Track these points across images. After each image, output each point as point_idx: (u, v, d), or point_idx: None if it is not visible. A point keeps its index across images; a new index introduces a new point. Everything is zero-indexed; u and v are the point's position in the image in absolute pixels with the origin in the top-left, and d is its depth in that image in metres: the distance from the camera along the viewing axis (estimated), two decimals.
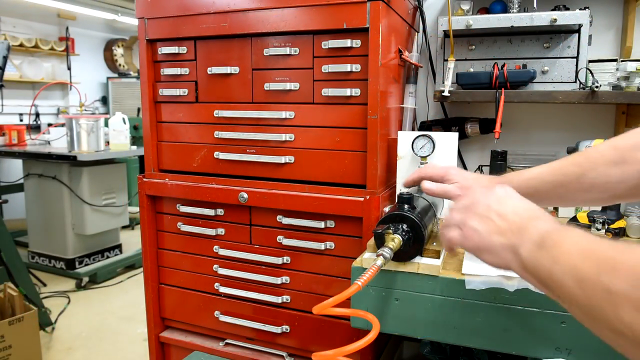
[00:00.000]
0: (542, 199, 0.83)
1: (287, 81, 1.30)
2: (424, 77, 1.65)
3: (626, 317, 0.43)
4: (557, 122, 1.58)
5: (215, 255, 1.46)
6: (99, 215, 3.58)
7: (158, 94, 1.48)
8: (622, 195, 0.79)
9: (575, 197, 0.83)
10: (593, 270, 0.48)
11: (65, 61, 5.44)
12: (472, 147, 1.68)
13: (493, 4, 1.48)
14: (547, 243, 0.56)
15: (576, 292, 0.49)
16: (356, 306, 0.99)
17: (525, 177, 0.86)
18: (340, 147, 1.26)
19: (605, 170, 0.78)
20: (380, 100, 1.19)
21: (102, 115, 3.50)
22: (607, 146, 0.80)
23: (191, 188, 1.43)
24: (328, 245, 1.30)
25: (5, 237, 2.65)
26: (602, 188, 0.79)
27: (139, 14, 1.44)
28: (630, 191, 0.78)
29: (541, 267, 0.55)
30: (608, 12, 1.49)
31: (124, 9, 5.57)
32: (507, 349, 0.91)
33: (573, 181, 0.81)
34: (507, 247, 0.62)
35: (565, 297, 0.52)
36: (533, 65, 1.45)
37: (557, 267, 0.53)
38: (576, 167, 0.81)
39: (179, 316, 1.58)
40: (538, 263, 0.56)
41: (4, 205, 4.58)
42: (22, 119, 5.10)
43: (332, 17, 1.20)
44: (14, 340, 2.13)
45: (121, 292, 3.46)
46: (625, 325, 0.43)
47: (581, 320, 0.50)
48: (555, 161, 0.85)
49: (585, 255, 0.50)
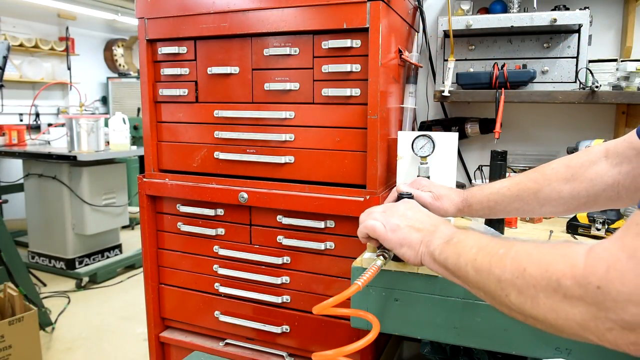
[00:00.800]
0: (501, 210, 0.95)
1: (287, 81, 1.30)
2: (424, 77, 1.65)
3: (513, 300, 0.53)
4: (557, 122, 1.58)
5: (215, 255, 1.46)
6: (99, 215, 3.58)
7: (158, 94, 1.48)
8: (575, 208, 0.89)
9: (533, 210, 0.93)
10: (487, 263, 0.58)
11: (65, 61, 5.44)
12: (472, 147, 1.68)
13: (493, 4, 1.48)
14: (453, 240, 0.68)
15: (476, 280, 0.60)
16: (356, 306, 0.99)
17: (486, 192, 0.96)
18: (340, 147, 1.26)
19: (558, 187, 0.87)
20: (380, 100, 1.19)
21: (102, 115, 3.50)
22: (560, 164, 0.89)
23: (191, 188, 1.43)
24: (328, 245, 1.30)
25: (5, 237, 2.65)
26: (555, 203, 0.88)
27: (139, 14, 1.44)
28: (582, 206, 0.88)
29: (449, 259, 0.67)
30: (608, 12, 1.49)
31: (124, 9, 5.57)
32: (507, 349, 0.91)
33: (530, 196, 0.90)
34: (422, 242, 0.75)
35: (470, 284, 0.63)
36: (533, 65, 1.45)
37: (461, 259, 0.64)
38: (532, 183, 0.90)
39: (179, 316, 1.58)
40: (447, 256, 0.68)
41: (4, 205, 4.58)
42: (22, 119, 5.10)
43: (332, 17, 1.20)
44: (14, 340, 2.12)
45: (121, 292, 3.46)
46: (514, 306, 0.53)
47: (485, 300, 0.61)
48: (514, 177, 0.95)
49: (481, 250, 0.61)
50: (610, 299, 0.43)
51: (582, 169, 0.86)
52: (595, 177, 0.85)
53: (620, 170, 0.83)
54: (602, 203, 0.87)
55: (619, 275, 0.43)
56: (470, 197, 0.97)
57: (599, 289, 0.44)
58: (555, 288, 0.48)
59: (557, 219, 1.40)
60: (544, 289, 0.49)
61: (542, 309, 0.50)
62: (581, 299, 0.45)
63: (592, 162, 0.86)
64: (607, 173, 0.84)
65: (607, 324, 0.44)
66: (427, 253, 0.73)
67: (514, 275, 0.53)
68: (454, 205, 0.98)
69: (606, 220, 1.19)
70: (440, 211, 0.99)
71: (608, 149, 0.86)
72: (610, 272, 0.43)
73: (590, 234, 1.22)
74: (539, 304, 0.50)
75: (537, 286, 0.50)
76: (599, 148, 0.87)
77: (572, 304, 0.46)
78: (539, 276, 0.50)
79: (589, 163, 0.86)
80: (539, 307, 0.50)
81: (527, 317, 0.53)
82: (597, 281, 0.44)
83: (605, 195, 0.85)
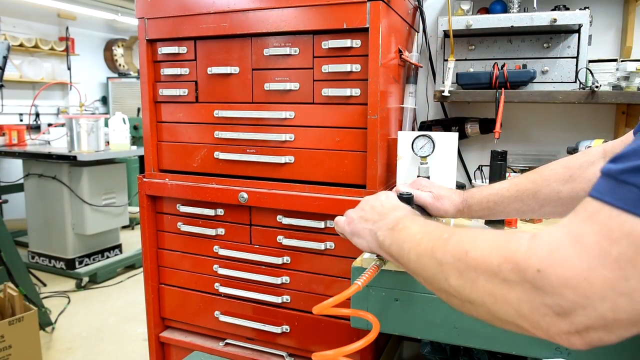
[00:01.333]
0: (501, 211, 0.95)
1: (287, 81, 1.30)
2: (424, 77, 1.65)
3: (453, 283, 0.53)
4: (557, 122, 1.58)
5: (215, 255, 1.46)
6: (99, 215, 3.58)
7: (158, 94, 1.48)
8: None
9: (532, 211, 0.93)
10: (429, 248, 0.58)
11: (65, 61, 5.44)
12: (472, 147, 1.68)
13: (493, 4, 1.48)
14: (398, 227, 0.69)
15: (417, 265, 0.60)
16: (356, 306, 0.99)
17: (485, 193, 0.96)
18: (340, 147, 1.26)
19: (557, 187, 0.88)
20: (380, 100, 1.19)
21: (102, 115, 3.50)
22: (559, 165, 0.90)
23: (191, 188, 1.43)
24: (328, 245, 1.30)
25: (5, 237, 2.65)
26: (554, 203, 0.89)
27: (139, 14, 1.44)
28: None
29: (393, 246, 0.68)
30: (608, 12, 1.49)
31: (124, 9, 5.57)
32: (507, 349, 0.91)
33: (529, 197, 0.91)
34: (369, 231, 0.77)
35: (411, 269, 0.63)
36: (533, 65, 1.45)
37: (404, 245, 0.64)
38: (531, 184, 0.91)
39: (179, 316, 1.58)
40: (391, 242, 0.69)
41: (4, 205, 4.58)
42: (22, 119, 5.10)
43: (332, 17, 1.20)
44: (14, 340, 2.12)
45: (121, 292, 3.46)
46: (453, 289, 0.53)
47: (425, 285, 0.61)
48: (513, 178, 0.95)
49: (426, 235, 0.61)
50: (549, 283, 0.42)
51: (581, 170, 0.86)
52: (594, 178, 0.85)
53: None
54: None
55: (561, 260, 0.42)
56: (470, 197, 0.97)
57: (538, 272, 0.43)
58: (496, 271, 0.47)
59: (556, 219, 1.40)
60: (485, 272, 0.48)
61: (480, 292, 0.49)
62: (520, 282, 0.45)
63: (590, 163, 0.86)
64: None
65: (542, 310, 0.43)
66: (375, 240, 0.75)
67: (455, 258, 0.53)
68: (453, 206, 0.98)
69: None
70: (440, 212, 0.99)
71: (606, 150, 0.86)
72: (553, 255, 0.43)
73: None
74: (477, 288, 0.49)
75: (477, 269, 0.49)
76: (597, 149, 0.88)
77: (510, 287, 0.46)
78: (481, 259, 0.49)
79: (587, 164, 0.87)
80: (478, 291, 0.49)
81: (464, 302, 0.52)
82: (538, 264, 0.43)
83: None
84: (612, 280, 0.39)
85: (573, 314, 0.41)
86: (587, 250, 0.41)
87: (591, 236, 0.41)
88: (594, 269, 0.40)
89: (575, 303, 0.41)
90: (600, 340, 0.42)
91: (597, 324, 0.41)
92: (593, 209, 0.42)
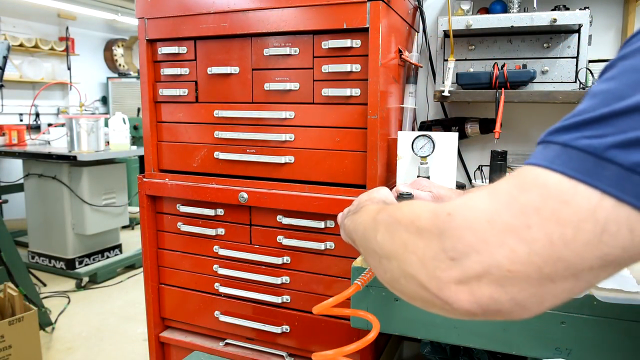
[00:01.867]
0: None
1: (287, 81, 1.30)
2: (424, 77, 1.65)
3: (379, 238, 0.53)
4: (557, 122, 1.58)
5: (215, 255, 1.46)
6: (99, 215, 3.58)
7: (158, 94, 1.48)
8: None
9: None
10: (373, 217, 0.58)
11: (65, 61, 5.44)
12: (472, 147, 1.68)
13: (493, 4, 1.48)
14: (360, 209, 0.70)
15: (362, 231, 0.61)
16: (356, 306, 0.99)
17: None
18: (340, 147, 1.26)
19: None
20: (380, 100, 1.19)
21: (102, 115, 3.50)
22: None
23: (191, 188, 1.43)
24: (328, 245, 1.30)
25: (5, 237, 2.65)
26: None
27: (139, 14, 1.44)
28: None
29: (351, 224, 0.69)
30: (608, 12, 1.49)
31: (124, 9, 5.57)
32: (507, 349, 0.91)
33: None
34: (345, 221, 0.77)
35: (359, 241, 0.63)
36: (533, 65, 1.45)
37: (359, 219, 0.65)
38: None
39: (179, 316, 1.58)
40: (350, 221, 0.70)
41: (4, 205, 4.58)
42: (22, 119, 5.10)
43: (332, 17, 1.20)
44: (14, 340, 2.12)
45: (121, 292, 3.46)
46: (378, 245, 0.53)
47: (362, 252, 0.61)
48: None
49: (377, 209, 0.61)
50: (454, 225, 0.42)
51: None
52: None
53: None
54: None
55: (470, 205, 0.42)
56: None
57: (448, 215, 0.43)
58: (414, 219, 0.47)
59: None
60: (407, 225, 0.48)
61: (397, 243, 0.49)
62: (430, 228, 0.44)
63: None
64: None
65: (440, 255, 0.42)
66: (343, 228, 0.76)
67: (389, 216, 0.53)
68: None
69: None
70: None
71: None
72: (466, 203, 0.43)
73: None
74: (395, 239, 0.49)
75: (402, 221, 0.49)
76: None
77: (421, 235, 0.45)
78: (408, 213, 0.49)
79: None
80: (394, 242, 0.49)
81: (381, 259, 0.52)
82: (450, 209, 0.43)
83: None
84: (515, 226, 0.39)
85: (466, 258, 0.40)
86: (497, 197, 0.41)
87: (506, 186, 0.41)
88: (499, 213, 0.40)
89: (471, 246, 0.40)
90: (491, 297, 0.40)
91: (490, 272, 0.39)
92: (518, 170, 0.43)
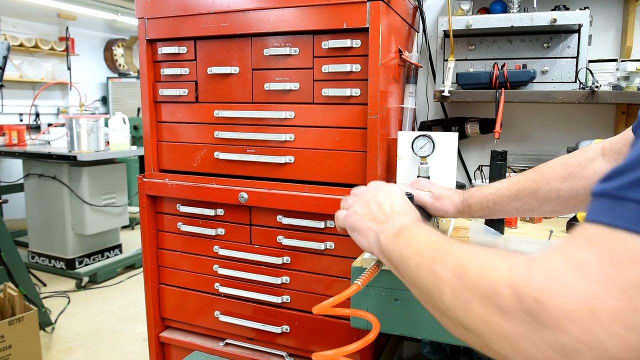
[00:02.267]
0: (501, 210, 0.94)
1: (287, 81, 1.30)
2: (424, 77, 1.65)
3: (447, 301, 0.48)
4: (557, 122, 1.58)
5: (215, 255, 1.46)
6: (99, 215, 3.58)
7: (158, 94, 1.48)
8: (575, 207, 0.89)
9: (532, 210, 0.92)
10: (429, 258, 0.54)
11: (65, 61, 5.44)
12: (472, 147, 1.68)
13: (493, 4, 1.48)
14: (403, 233, 0.65)
15: (415, 275, 0.56)
16: (356, 306, 0.99)
17: (485, 192, 0.96)
18: (340, 147, 1.26)
19: (557, 185, 0.87)
20: (380, 100, 1.19)
21: (102, 115, 3.50)
22: (557, 163, 0.89)
23: (191, 188, 1.43)
24: (328, 245, 1.30)
25: (5, 237, 2.65)
26: (554, 202, 0.88)
27: (139, 14, 1.44)
28: (582, 204, 0.87)
29: (393, 251, 0.63)
30: (608, 12, 1.49)
31: (124, 9, 5.57)
32: None
33: (529, 195, 0.90)
34: (372, 231, 0.72)
35: (409, 279, 0.58)
36: (533, 65, 1.45)
37: (405, 252, 0.60)
38: (531, 183, 0.90)
39: (179, 316, 1.58)
40: (392, 247, 0.64)
41: (4, 205, 4.58)
42: (22, 119, 5.10)
43: (332, 17, 1.20)
44: (14, 340, 2.12)
45: (121, 292, 3.46)
46: (446, 308, 0.48)
47: (419, 300, 0.56)
48: (513, 177, 0.95)
49: (428, 244, 0.57)
50: (549, 314, 0.37)
51: (580, 167, 0.87)
52: (593, 175, 0.85)
53: None
54: None
55: (561, 288, 0.37)
56: (470, 197, 0.97)
57: (537, 301, 0.38)
58: (491, 295, 0.42)
59: (557, 218, 1.40)
60: (480, 295, 0.43)
61: (474, 318, 0.44)
62: (516, 311, 0.39)
63: (589, 160, 0.86)
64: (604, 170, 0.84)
65: (542, 346, 0.37)
66: (377, 244, 0.71)
67: (453, 273, 0.48)
68: (454, 206, 0.98)
69: None
70: (440, 212, 0.99)
71: (605, 147, 0.86)
72: (551, 283, 0.37)
73: None
74: (471, 312, 0.44)
75: (473, 290, 0.44)
76: (595, 146, 0.88)
77: (505, 317, 0.40)
78: (477, 279, 0.44)
79: (586, 161, 0.87)
80: (471, 316, 0.44)
81: (456, 325, 0.47)
82: (535, 292, 0.38)
83: None
84: (621, 312, 0.34)
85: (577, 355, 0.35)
86: (590, 277, 0.36)
87: (593, 261, 0.36)
88: (599, 298, 0.35)
89: (580, 341, 0.35)
90: None
91: None
92: (592, 233, 0.38)
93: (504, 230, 1.22)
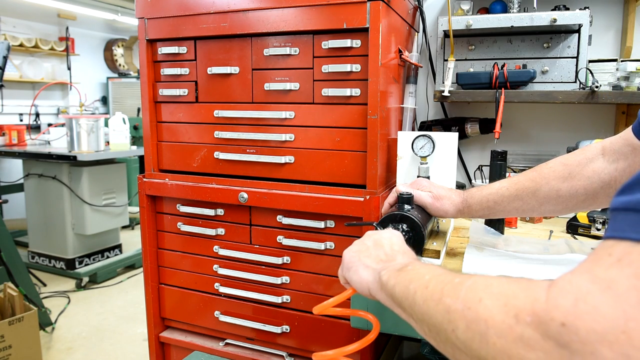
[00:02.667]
0: (501, 210, 0.95)
1: (287, 81, 1.30)
2: (424, 77, 1.65)
3: (460, 335, 0.45)
4: (557, 122, 1.58)
5: (215, 255, 1.46)
6: (99, 215, 3.58)
7: (158, 94, 1.48)
8: (574, 206, 0.89)
9: (532, 210, 0.92)
10: (438, 291, 0.51)
11: (65, 61, 5.44)
12: (472, 147, 1.68)
13: (493, 4, 1.48)
14: (407, 268, 0.62)
15: (423, 310, 0.52)
16: (356, 306, 0.99)
17: (485, 192, 0.96)
18: (340, 147, 1.26)
19: (556, 185, 0.87)
20: (380, 100, 1.19)
21: (102, 115, 3.50)
22: (557, 163, 0.89)
23: (191, 188, 1.43)
24: (328, 245, 1.30)
25: (5, 237, 2.65)
26: (554, 201, 0.88)
27: (139, 14, 1.44)
28: (581, 203, 0.87)
29: (397, 286, 0.60)
30: (608, 13, 1.49)
31: (124, 9, 5.57)
32: None
33: (528, 195, 0.90)
34: (371, 269, 0.70)
35: (415, 315, 0.55)
36: (533, 65, 1.45)
37: (411, 286, 0.57)
38: (531, 183, 0.90)
39: (179, 316, 1.58)
40: (395, 282, 0.61)
41: (4, 205, 4.58)
42: (22, 119, 5.10)
43: (332, 17, 1.20)
44: (14, 340, 2.13)
45: (121, 292, 3.46)
46: (460, 342, 0.45)
47: (428, 338, 0.53)
48: (513, 177, 0.95)
49: (435, 277, 0.54)
50: (578, 339, 0.35)
51: (579, 167, 0.86)
52: (593, 175, 0.85)
53: (617, 167, 0.83)
54: (601, 200, 0.87)
55: (590, 310, 0.35)
56: (470, 197, 0.97)
57: (563, 326, 0.36)
58: (511, 325, 0.40)
59: (557, 219, 1.40)
60: (498, 325, 0.41)
61: (491, 349, 0.41)
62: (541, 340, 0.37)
63: (589, 160, 0.86)
64: (604, 170, 0.85)
65: None
66: (377, 281, 0.67)
67: (466, 305, 0.45)
68: (454, 206, 0.98)
69: (606, 221, 1.19)
70: (440, 212, 0.99)
71: (604, 147, 0.86)
72: (579, 306, 0.35)
73: (590, 234, 1.22)
74: (487, 343, 0.41)
75: (489, 321, 0.42)
76: (595, 146, 0.88)
77: (528, 347, 0.38)
78: (495, 309, 0.42)
79: (585, 161, 0.86)
80: (488, 347, 0.41)
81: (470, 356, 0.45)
82: (561, 317, 0.36)
83: (604, 192, 0.85)
84: None
85: None
86: (622, 297, 0.34)
87: (625, 280, 0.34)
88: (633, 319, 0.33)
89: None
90: None
91: None
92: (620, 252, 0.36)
93: (504, 230, 1.22)
